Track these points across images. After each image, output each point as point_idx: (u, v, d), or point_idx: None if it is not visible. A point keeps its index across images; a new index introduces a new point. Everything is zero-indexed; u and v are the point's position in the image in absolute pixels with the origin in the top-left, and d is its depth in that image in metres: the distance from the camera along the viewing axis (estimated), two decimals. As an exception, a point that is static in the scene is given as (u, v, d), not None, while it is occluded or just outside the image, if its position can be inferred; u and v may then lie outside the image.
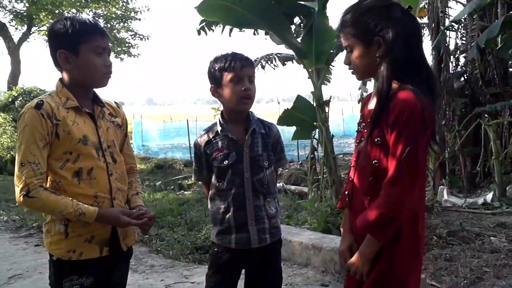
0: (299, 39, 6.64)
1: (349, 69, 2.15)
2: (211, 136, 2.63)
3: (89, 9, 27.83)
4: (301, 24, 6.81)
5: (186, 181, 12.87)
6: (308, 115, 6.62)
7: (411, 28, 2.00)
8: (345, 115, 29.00)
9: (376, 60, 2.00)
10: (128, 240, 2.42)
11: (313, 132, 7.18)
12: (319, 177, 7.39)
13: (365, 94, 10.28)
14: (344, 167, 10.17)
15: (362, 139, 2.10)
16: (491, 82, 9.18)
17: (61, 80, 2.30)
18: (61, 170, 2.18)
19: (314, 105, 6.55)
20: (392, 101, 1.93)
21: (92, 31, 2.23)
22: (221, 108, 2.76)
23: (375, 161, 2.01)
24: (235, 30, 6.91)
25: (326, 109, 6.56)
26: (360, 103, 2.37)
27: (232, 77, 2.52)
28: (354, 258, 2.05)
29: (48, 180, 2.19)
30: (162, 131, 26.00)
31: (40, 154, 2.11)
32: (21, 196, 2.06)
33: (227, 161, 2.56)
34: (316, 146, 7.55)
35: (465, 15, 7.42)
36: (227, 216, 2.58)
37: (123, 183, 2.41)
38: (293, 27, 6.87)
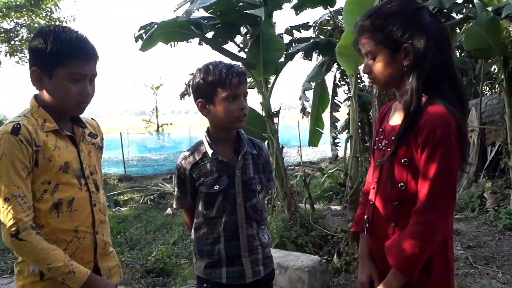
0: (245, 48, 6.51)
1: (369, 78, 1.94)
2: (197, 158, 2.35)
3: (10, 19, 26.78)
4: (248, 34, 6.65)
5: (122, 196, 12.47)
6: (257, 126, 6.45)
7: (441, 35, 1.82)
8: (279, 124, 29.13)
9: (403, 69, 1.81)
10: (112, 278, 2.18)
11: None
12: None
13: (305, 103, 10.27)
14: (292, 178, 10.11)
15: (384, 158, 1.89)
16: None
17: (35, 98, 2.03)
18: (38, 203, 1.91)
19: (263, 115, 6.40)
20: (422, 117, 1.74)
21: (73, 54, 1.92)
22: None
23: (402, 184, 1.83)
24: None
25: (275, 119, 6.43)
26: (376, 116, 2.14)
27: (228, 95, 2.24)
28: None
29: None
30: (91, 144, 25.24)
31: (25, 185, 1.86)
32: (9, 236, 1.82)
33: (217, 186, 2.29)
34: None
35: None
36: (217, 247, 2.32)
37: (105, 214, 2.18)
38: (239, 37, 6.71)
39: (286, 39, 7.55)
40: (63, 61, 1.91)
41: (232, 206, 2.31)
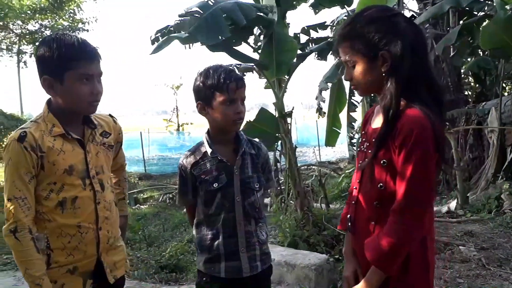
0: (258, 49, 6.53)
1: (351, 85, 2.02)
2: (198, 158, 2.43)
3: (35, 21, 27.26)
4: (261, 35, 6.69)
5: (142, 194, 12.64)
6: (270, 126, 6.50)
7: (417, 39, 1.86)
8: (298, 124, 29.07)
9: (382, 75, 1.86)
10: (117, 271, 2.32)
11: (276, 143, 7.06)
12: (283, 187, 7.29)
13: (322, 103, 10.29)
14: (305, 178, 10.12)
15: (366, 159, 1.96)
16: (445, 90, 9.32)
17: (48, 103, 2.18)
18: (45, 201, 2.11)
19: (276, 116, 6.43)
20: (399, 120, 1.79)
21: (77, 57, 2.05)
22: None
23: (381, 184, 1.88)
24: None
25: (289, 120, 6.46)
26: (361, 120, 2.23)
27: (225, 99, 2.32)
28: (359, 285, 1.92)
29: None
30: (114, 143, 25.49)
31: (27, 189, 2.05)
32: (8, 230, 2.02)
33: (216, 184, 2.37)
34: (278, 158, 7.44)
35: (421, 21, 7.48)
36: (216, 243, 2.40)
37: (112, 211, 2.31)
38: (252, 37, 6.74)
39: (303, 38, 7.56)
40: (70, 64, 2.05)
41: (231, 204, 2.38)
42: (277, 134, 6.54)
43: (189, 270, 5.71)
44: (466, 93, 10.92)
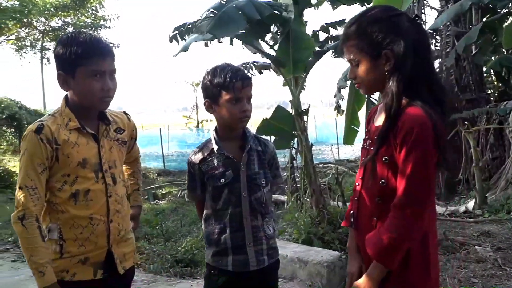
0: (276, 47, 6.53)
1: (355, 83, 2.04)
2: (205, 154, 2.48)
3: (58, 18, 27.59)
4: (278, 32, 6.69)
5: (161, 190, 12.75)
6: (286, 124, 6.50)
7: (420, 39, 1.89)
8: (317, 122, 29.02)
9: (385, 74, 1.89)
10: (126, 263, 2.37)
11: (292, 141, 7.06)
12: (298, 185, 7.29)
13: (340, 102, 10.24)
14: (322, 176, 10.10)
15: (369, 156, 1.98)
16: (466, 88, 9.24)
17: (65, 99, 2.26)
18: (59, 192, 2.17)
19: (293, 113, 6.43)
20: (400, 118, 1.82)
21: (90, 54, 2.12)
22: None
23: (383, 180, 1.91)
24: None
25: (305, 117, 6.45)
26: (365, 118, 2.27)
27: (231, 97, 2.36)
28: (361, 280, 1.95)
29: (47, 199, 2.19)
30: (134, 139, 25.66)
31: (38, 179, 2.10)
32: (16, 217, 2.08)
33: (223, 179, 2.42)
34: (294, 155, 7.44)
35: (444, 22, 7.41)
36: (223, 237, 2.44)
37: (123, 204, 2.36)
38: (270, 35, 6.74)
39: (322, 36, 7.54)
40: (82, 61, 2.11)
41: (237, 199, 2.42)
42: (293, 132, 6.54)
43: (203, 264, 5.70)
44: (488, 92, 10.79)
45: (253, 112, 2.50)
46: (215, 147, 2.45)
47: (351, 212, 2.13)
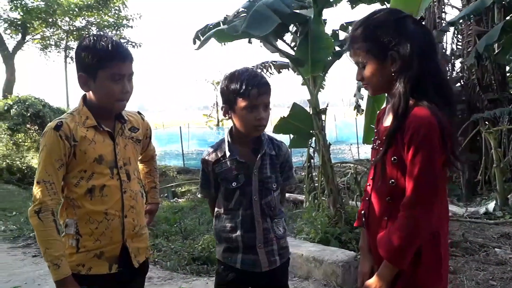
0: (294, 46, 6.52)
1: (363, 84, 2.08)
2: (219, 155, 2.49)
3: (82, 17, 27.95)
4: (297, 32, 6.68)
5: (180, 188, 12.84)
6: (304, 123, 6.47)
7: (426, 41, 1.92)
8: (337, 121, 28.87)
9: (391, 75, 1.92)
10: (140, 257, 2.44)
11: (310, 140, 7.05)
12: (316, 185, 7.27)
13: (360, 101, 10.19)
14: (340, 175, 10.06)
15: (378, 157, 2.00)
16: (488, 88, 9.13)
17: (83, 98, 2.35)
18: (76, 187, 2.25)
19: (311, 113, 6.42)
20: (407, 118, 1.84)
21: (110, 58, 2.19)
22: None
23: (392, 180, 1.93)
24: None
25: (323, 116, 6.43)
26: (375, 119, 2.28)
27: (246, 105, 2.32)
28: (372, 280, 1.97)
29: (64, 195, 2.28)
30: (155, 138, 25.73)
31: (56, 174, 2.19)
32: (33, 211, 2.15)
33: (235, 183, 2.44)
34: (312, 154, 7.42)
35: (461, 19, 7.31)
36: (235, 235, 2.47)
37: (138, 200, 2.43)
38: (288, 34, 6.73)
39: (342, 35, 7.50)
40: (103, 64, 2.19)
41: (248, 202, 2.44)
42: (311, 131, 6.52)
43: (219, 262, 5.76)
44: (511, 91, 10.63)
45: (274, 110, 2.49)
46: (227, 153, 2.46)
47: (362, 212, 2.16)
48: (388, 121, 2.01)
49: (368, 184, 2.14)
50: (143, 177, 2.87)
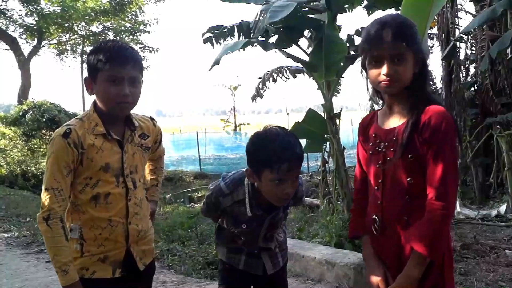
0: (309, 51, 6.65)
1: (390, 80, 1.98)
2: (235, 200, 2.37)
3: (99, 22, 28.02)
4: (312, 37, 6.79)
5: (196, 193, 12.89)
6: (318, 127, 6.57)
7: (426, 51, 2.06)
8: (354, 125, 28.76)
9: (412, 75, 2.01)
10: (146, 259, 2.45)
11: (324, 144, 7.15)
12: (331, 189, 7.36)
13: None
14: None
15: (388, 159, 2.04)
16: (501, 92, 9.16)
17: (94, 103, 2.33)
18: (81, 194, 2.25)
19: (325, 117, 6.53)
20: (424, 115, 1.93)
21: (109, 60, 2.18)
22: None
23: (410, 178, 1.98)
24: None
25: (337, 121, 6.53)
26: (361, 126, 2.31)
27: (273, 178, 2.15)
28: (399, 283, 1.97)
29: (70, 200, 2.26)
30: (172, 143, 25.97)
31: (64, 181, 2.18)
32: (41, 218, 2.15)
33: (245, 225, 2.40)
34: (327, 159, 7.52)
35: (475, 27, 7.39)
36: (238, 240, 2.51)
37: (142, 207, 2.43)
38: (303, 39, 6.86)
39: (357, 40, 7.60)
40: (102, 66, 2.19)
41: (255, 235, 2.47)
42: (325, 136, 6.63)
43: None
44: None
45: (292, 115, 2.45)
46: (249, 212, 2.34)
47: (374, 216, 2.12)
48: (392, 122, 2.07)
49: (376, 187, 2.11)
50: (147, 173, 2.78)
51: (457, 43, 8.84)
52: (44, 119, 16.63)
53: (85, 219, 2.26)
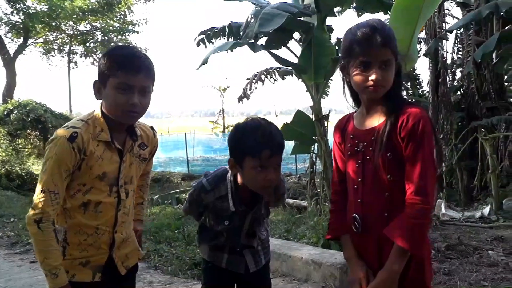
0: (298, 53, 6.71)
1: (377, 86, 2.02)
2: (217, 196, 2.38)
3: (87, 22, 27.86)
4: (301, 39, 6.85)
5: (184, 194, 12.80)
6: (307, 129, 6.65)
7: None
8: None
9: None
10: (129, 261, 2.42)
11: (312, 146, 7.21)
12: (318, 190, 7.41)
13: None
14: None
15: (368, 157, 2.09)
16: (487, 96, 9.32)
17: (101, 107, 2.26)
18: (71, 198, 2.20)
19: (313, 119, 6.60)
20: (402, 115, 1.99)
21: (121, 67, 2.12)
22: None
23: (389, 176, 2.02)
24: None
25: (325, 123, 6.60)
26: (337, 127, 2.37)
27: (255, 165, 2.18)
28: (381, 278, 1.99)
29: None
30: (160, 144, 25.76)
31: (61, 185, 2.12)
32: (33, 220, 2.08)
33: (227, 221, 2.41)
34: (315, 160, 7.58)
35: (460, 26, 7.52)
36: (220, 238, 2.51)
37: (129, 214, 2.40)
38: (293, 41, 6.92)
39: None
40: (113, 72, 2.11)
41: (237, 232, 2.46)
42: (313, 137, 6.69)
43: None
44: (510, 100, 10.81)
45: (281, 118, 2.47)
46: (231, 206, 2.36)
47: (354, 215, 2.15)
48: (371, 122, 2.11)
49: (355, 187, 2.14)
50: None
51: (443, 44, 8.97)
52: (29, 119, 16.40)
53: (72, 223, 2.22)
